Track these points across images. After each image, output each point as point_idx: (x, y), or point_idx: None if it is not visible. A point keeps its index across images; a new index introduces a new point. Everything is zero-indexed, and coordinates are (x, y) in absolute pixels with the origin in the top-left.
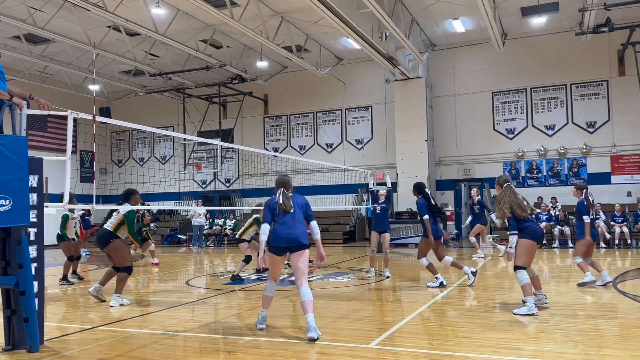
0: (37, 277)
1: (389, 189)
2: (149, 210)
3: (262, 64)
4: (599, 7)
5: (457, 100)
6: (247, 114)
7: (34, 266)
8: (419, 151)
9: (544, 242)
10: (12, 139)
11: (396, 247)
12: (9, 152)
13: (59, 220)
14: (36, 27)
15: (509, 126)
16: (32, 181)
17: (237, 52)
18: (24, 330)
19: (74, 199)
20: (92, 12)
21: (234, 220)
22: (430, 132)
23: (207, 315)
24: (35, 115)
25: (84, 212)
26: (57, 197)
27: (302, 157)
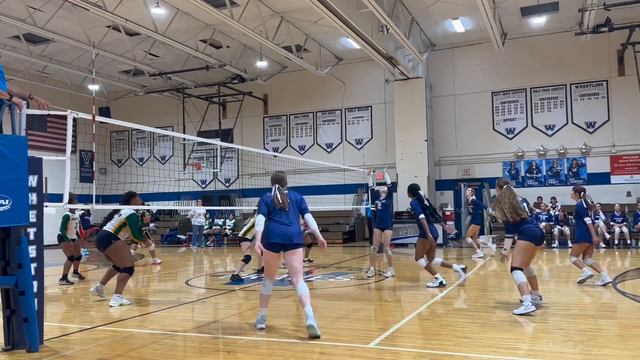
0: (37, 277)
1: (389, 185)
2: (148, 210)
3: (261, 64)
4: (599, 7)
5: (457, 100)
6: (247, 114)
7: (33, 266)
8: (419, 151)
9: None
10: (12, 138)
11: (396, 247)
12: (8, 152)
13: (59, 220)
14: (36, 27)
15: (508, 126)
16: (32, 181)
17: (237, 52)
18: (23, 330)
19: (75, 199)
20: (91, 11)
21: (234, 220)
22: (430, 132)
23: (207, 315)
24: (34, 115)
25: (84, 212)
26: (59, 197)
27: (301, 157)
